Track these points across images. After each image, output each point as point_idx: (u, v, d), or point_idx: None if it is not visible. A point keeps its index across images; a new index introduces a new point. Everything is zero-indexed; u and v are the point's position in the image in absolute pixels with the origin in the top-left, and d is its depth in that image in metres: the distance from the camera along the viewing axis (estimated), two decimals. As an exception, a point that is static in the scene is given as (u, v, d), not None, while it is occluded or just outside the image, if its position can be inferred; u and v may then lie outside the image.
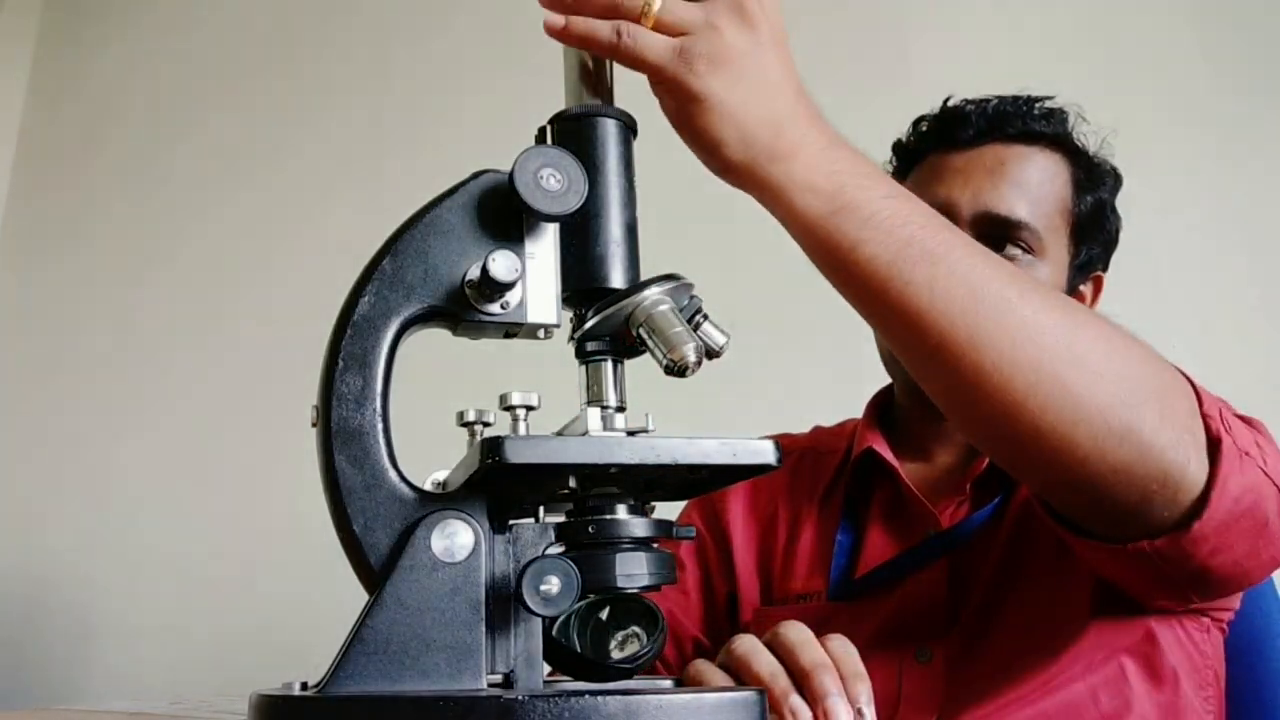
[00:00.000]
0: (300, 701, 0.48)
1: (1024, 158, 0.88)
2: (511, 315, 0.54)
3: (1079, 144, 0.92)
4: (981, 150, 0.88)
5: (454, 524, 0.50)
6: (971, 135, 0.89)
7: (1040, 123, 0.89)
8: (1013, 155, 0.88)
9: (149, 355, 2.08)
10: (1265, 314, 1.37)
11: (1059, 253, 0.89)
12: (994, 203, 0.85)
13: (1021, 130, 0.88)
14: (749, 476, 0.53)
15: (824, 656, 0.56)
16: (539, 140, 0.57)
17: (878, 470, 0.93)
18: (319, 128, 2.08)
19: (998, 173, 0.87)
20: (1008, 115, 0.89)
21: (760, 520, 0.97)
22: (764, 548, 0.96)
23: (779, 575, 0.93)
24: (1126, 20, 1.53)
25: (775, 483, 0.99)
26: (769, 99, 0.57)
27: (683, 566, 0.97)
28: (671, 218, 1.59)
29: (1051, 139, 0.89)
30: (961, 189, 0.87)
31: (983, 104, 0.90)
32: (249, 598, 1.82)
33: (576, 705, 0.44)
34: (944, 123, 0.92)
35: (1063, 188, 0.89)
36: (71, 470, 2.07)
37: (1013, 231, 0.85)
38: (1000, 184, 0.86)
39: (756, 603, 0.93)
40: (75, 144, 2.34)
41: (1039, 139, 0.89)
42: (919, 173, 0.92)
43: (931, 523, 0.87)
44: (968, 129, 0.89)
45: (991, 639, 0.81)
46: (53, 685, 1.94)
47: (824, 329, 1.57)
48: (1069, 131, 0.91)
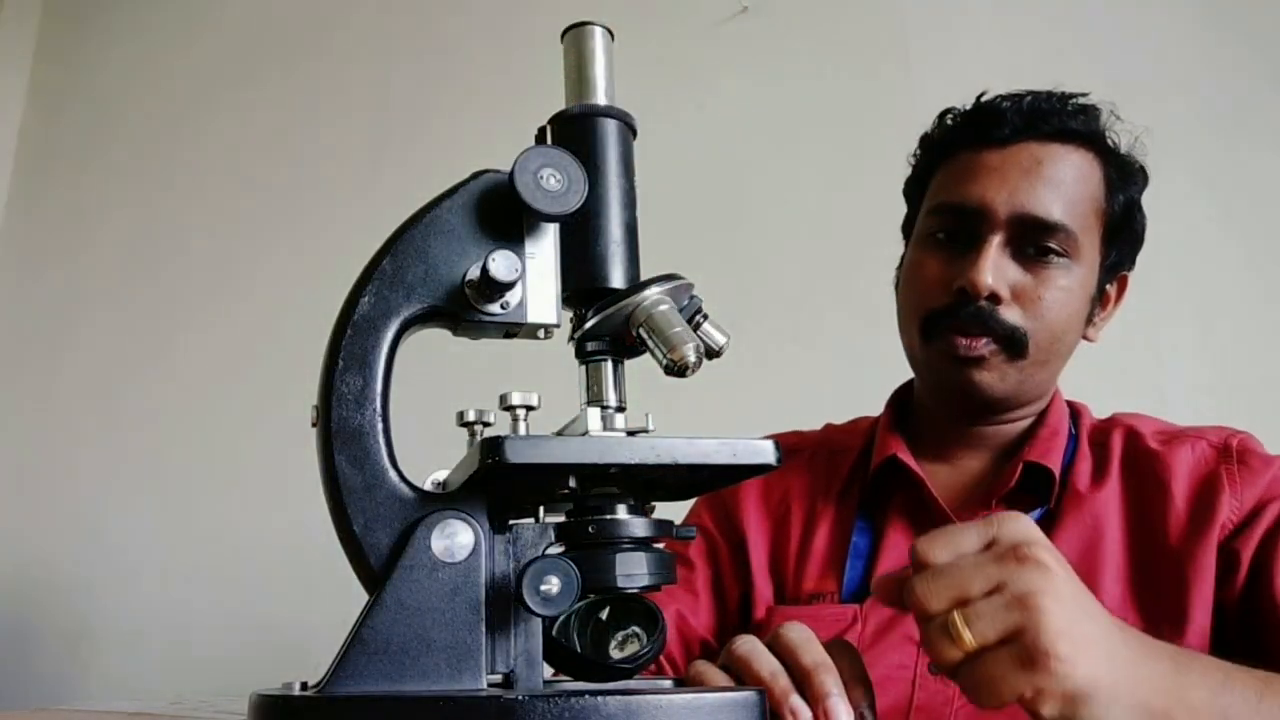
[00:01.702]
0: (300, 701, 0.48)
1: (1059, 157, 0.86)
2: (511, 315, 0.54)
3: (1111, 142, 0.89)
4: (1017, 148, 0.86)
5: (454, 524, 0.50)
6: (1007, 133, 0.86)
7: (1075, 120, 0.87)
8: (1048, 154, 0.85)
9: (149, 355, 2.08)
10: (1266, 314, 1.37)
11: (1092, 254, 0.87)
12: (1031, 204, 0.83)
13: (1057, 128, 0.86)
14: (749, 476, 0.53)
15: (825, 657, 0.56)
16: (539, 140, 0.57)
17: (900, 474, 0.91)
18: (319, 128, 2.08)
19: (1034, 173, 0.84)
20: (1043, 112, 0.86)
21: (773, 518, 0.96)
22: (777, 546, 0.94)
23: (792, 574, 0.92)
24: (1126, 18, 1.53)
25: (788, 480, 0.97)
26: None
27: (693, 567, 0.96)
28: (672, 218, 1.59)
29: (1086, 137, 0.87)
30: (998, 189, 0.84)
31: (1018, 100, 0.88)
32: (249, 598, 1.82)
33: (576, 705, 0.44)
34: (978, 119, 0.89)
35: (1096, 188, 0.87)
36: (71, 470, 2.07)
37: (1050, 235, 0.83)
38: (1037, 184, 0.84)
39: (770, 601, 0.92)
40: (75, 145, 2.34)
41: (1074, 137, 0.86)
42: (949, 168, 0.90)
43: None
44: (1003, 126, 0.86)
45: None
46: (53, 685, 1.94)
47: (824, 329, 1.57)
48: (1102, 130, 0.89)
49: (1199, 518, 0.81)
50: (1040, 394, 0.90)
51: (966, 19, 1.61)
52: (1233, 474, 0.82)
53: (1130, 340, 0.96)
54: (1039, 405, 0.91)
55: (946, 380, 0.87)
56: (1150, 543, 0.82)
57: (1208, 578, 0.78)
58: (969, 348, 0.84)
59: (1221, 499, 0.81)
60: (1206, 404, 1.30)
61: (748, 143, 1.70)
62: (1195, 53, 1.48)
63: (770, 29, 1.73)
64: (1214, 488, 0.81)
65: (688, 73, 1.76)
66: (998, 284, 0.83)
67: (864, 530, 0.90)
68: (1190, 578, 0.79)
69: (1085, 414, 0.93)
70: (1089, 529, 0.83)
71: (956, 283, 0.84)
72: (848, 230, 1.59)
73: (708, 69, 1.76)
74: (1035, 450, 0.86)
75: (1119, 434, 0.89)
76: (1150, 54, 1.50)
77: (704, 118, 1.74)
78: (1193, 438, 0.86)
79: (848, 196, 1.60)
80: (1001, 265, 0.83)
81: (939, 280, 0.86)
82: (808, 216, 1.62)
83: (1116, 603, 0.80)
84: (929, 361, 0.88)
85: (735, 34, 1.75)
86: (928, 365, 0.89)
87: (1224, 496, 0.81)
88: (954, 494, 0.90)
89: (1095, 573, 0.81)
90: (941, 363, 0.86)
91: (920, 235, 0.91)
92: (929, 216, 0.90)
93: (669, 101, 1.72)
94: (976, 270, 0.82)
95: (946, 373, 0.86)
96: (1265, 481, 0.81)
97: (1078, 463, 0.87)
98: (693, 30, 1.78)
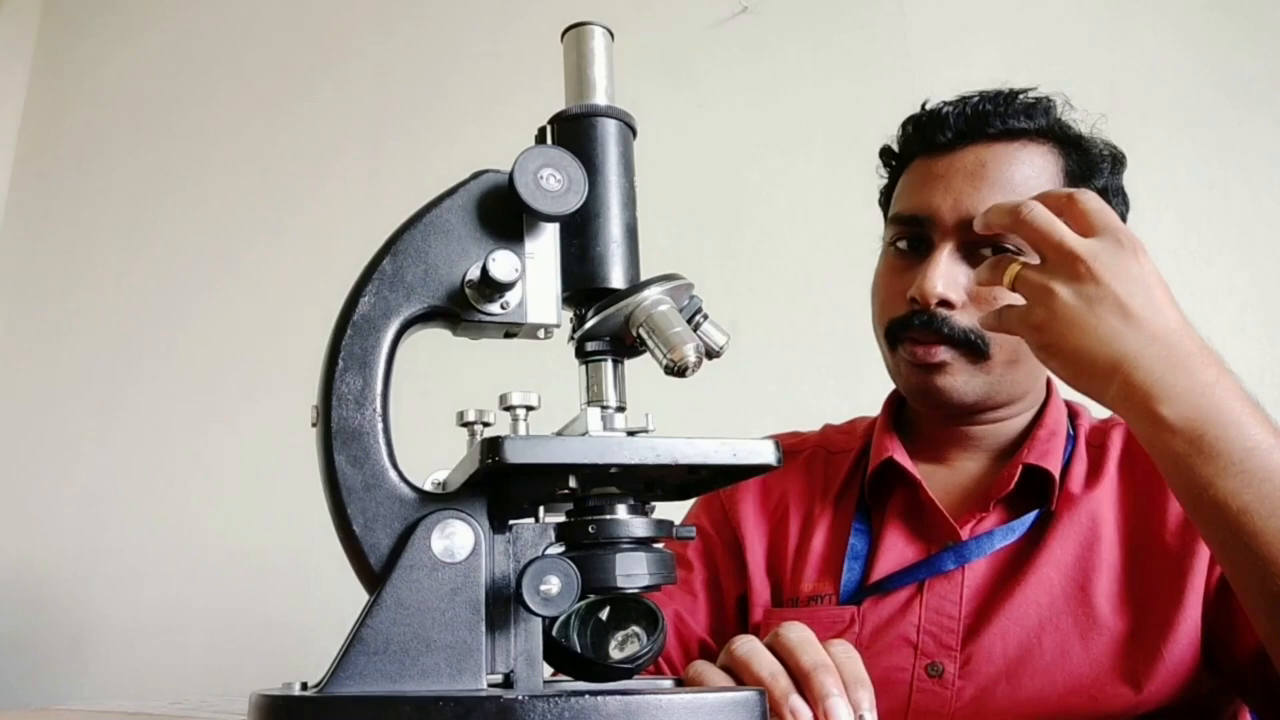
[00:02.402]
0: (300, 701, 0.48)
1: (1007, 156, 0.85)
2: (511, 315, 0.54)
3: (1069, 133, 0.88)
4: (962, 153, 0.86)
5: (454, 524, 0.50)
6: (951, 138, 0.86)
7: (1021, 118, 0.86)
8: (994, 155, 0.85)
9: (149, 354, 2.08)
10: (1263, 314, 1.37)
11: None
12: (975, 207, 0.81)
13: (1001, 129, 0.85)
14: (749, 476, 0.53)
15: (825, 658, 0.56)
16: (539, 140, 0.57)
17: (897, 476, 0.91)
18: (320, 128, 2.08)
19: (978, 175, 0.84)
20: (986, 114, 0.86)
21: (770, 519, 0.96)
22: (774, 547, 0.94)
23: (789, 576, 0.92)
24: (1126, 17, 1.53)
25: (786, 481, 0.97)
26: (1108, 343, 0.65)
27: (690, 567, 0.96)
28: (672, 218, 1.59)
29: (1035, 133, 0.86)
30: (943, 195, 0.84)
31: (961, 104, 0.87)
32: (249, 598, 1.82)
33: (576, 705, 0.44)
34: (924, 127, 0.89)
35: (1051, 181, 0.85)
36: (71, 470, 2.07)
37: (997, 237, 0.81)
38: (981, 187, 0.83)
39: (768, 602, 0.92)
40: (75, 144, 2.34)
41: (1021, 134, 0.86)
42: (907, 178, 0.90)
43: (951, 534, 0.86)
44: (946, 131, 0.86)
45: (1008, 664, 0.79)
46: (53, 685, 1.94)
47: (824, 329, 1.57)
48: (1055, 121, 0.87)
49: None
50: (1022, 392, 0.89)
51: (966, 19, 1.61)
52: None
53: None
54: (1028, 404, 0.91)
55: (914, 387, 0.88)
56: (1147, 542, 0.82)
57: (1200, 575, 0.78)
58: (926, 354, 0.84)
59: None
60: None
61: (747, 143, 1.70)
62: (1195, 51, 1.48)
63: (770, 29, 1.73)
64: None
65: (688, 73, 1.76)
66: (947, 290, 0.82)
67: (861, 532, 0.90)
68: (1185, 577, 0.79)
69: (1083, 415, 0.93)
70: (1085, 529, 0.83)
71: (910, 292, 0.84)
72: (847, 230, 1.59)
73: (708, 69, 1.76)
74: (1034, 452, 0.86)
75: (1118, 433, 0.89)
76: (1150, 53, 1.50)
77: (704, 118, 1.74)
78: None
79: (847, 196, 1.60)
80: (953, 272, 0.83)
81: (896, 290, 0.87)
82: (807, 216, 1.62)
83: (1112, 602, 0.80)
84: (896, 368, 0.89)
85: (735, 34, 1.75)
86: (897, 373, 0.90)
87: None
88: (951, 496, 0.90)
89: (1092, 573, 0.81)
90: (905, 369, 0.87)
91: (885, 245, 0.92)
92: (888, 227, 0.91)
93: (669, 101, 1.72)
94: (925, 278, 0.83)
95: (911, 379, 0.87)
96: None
97: (1074, 464, 0.87)
98: (693, 30, 1.78)
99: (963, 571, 0.84)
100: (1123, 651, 0.78)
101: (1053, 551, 0.83)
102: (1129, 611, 0.80)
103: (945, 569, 0.84)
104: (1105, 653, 0.79)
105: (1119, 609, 0.80)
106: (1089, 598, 0.80)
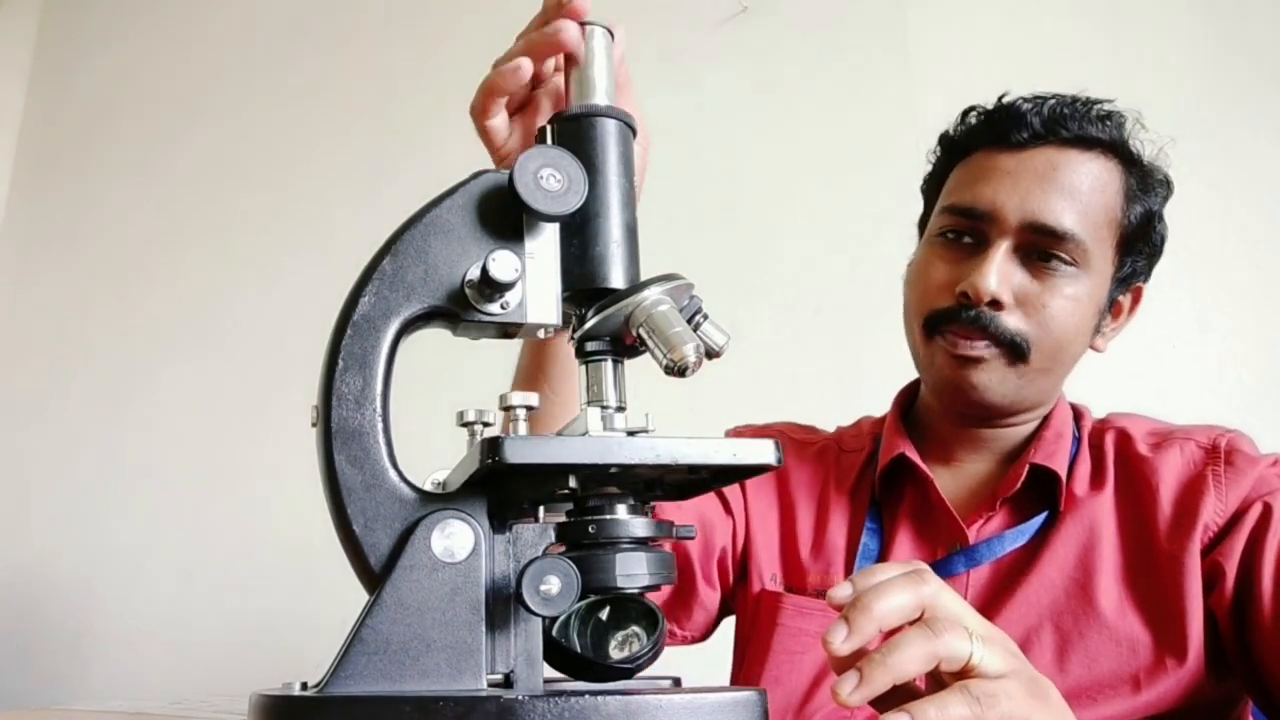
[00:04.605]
0: (300, 701, 0.48)
1: (1077, 164, 0.84)
2: (511, 315, 0.54)
3: (1134, 151, 0.88)
4: (1034, 153, 0.84)
5: (454, 524, 0.50)
6: (1025, 136, 0.85)
7: (1097, 126, 0.85)
8: (1066, 160, 0.84)
9: (149, 355, 2.08)
10: (1264, 314, 1.37)
11: (1103, 264, 0.85)
12: (1042, 211, 0.82)
13: (1077, 134, 0.84)
14: (749, 476, 0.53)
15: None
16: (539, 140, 0.57)
17: (907, 474, 0.91)
18: (320, 127, 2.08)
19: (1049, 179, 0.83)
20: (1064, 117, 0.85)
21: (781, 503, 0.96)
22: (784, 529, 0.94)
23: (799, 564, 0.92)
24: (1126, 16, 1.53)
25: (799, 467, 0.98)
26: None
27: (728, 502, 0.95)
28: (672, 217, 1.59)
29: (1107, 145, 0.85)
30: (1010, 193, 0.83)
31: (1039, 103, 0.86)
32: (249, 598, 1.82)
33: (576, 705, 0.44)
34: (997, 120, 0.87)
35: (1113, 197, 0.85)
36: (71, 470, 2.07)
37: (1059, 243, 0.82)
38: (1050, 191, 0.82)
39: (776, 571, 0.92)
40: (75, 144, 2.34)
41: (1094, 144, 0.85)
42: (965, 168, 0.89)
43: (959, 535, 0.86)
44: (1022, 129, 0.85)
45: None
46: (53, 685, 1.94)
47: (824, 329, 1.57)
48: (1125, 138, 0.87)
49: (1182, 521, 0.80)
50: (1042, 400, 0.89)
51: (966, 20, 1.61)
52: (1219, 475, 0.81)
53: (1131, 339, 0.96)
54: (1041, 410, 0.91)
55: (945, 378, 0.87)
56: (1143, 546, 0.82)
57: (1196, 580, 0.78)
58: (968, 347, 0.84)
59: (1205, 502, 0.80)
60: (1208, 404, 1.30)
61: (747, 142, 1.70)
62: (1195, 49, 1.48)
63: (770, 29, 1.73)
64: (1198, 491, 0.81)
65: (687, 72, 1.76)
66: (1000, 290, 0.82)
67: (874, 531, 0.91)
68: (1183, 580, 0.79)
69: (1086, 416, 0.93)
70: (1086, 532, 0.83)
71: (960, 286, 0.84)
72: (847, 230, 1.59)
73: (708, 69, 1.76)
74: (1040, 453, 0.86)
75: (1111, 437, 0.89)
76: (1150, 52, 1.50)
77: (704, 117, 1.73)
78: (1181, 439, 0.85)
79: (847, 196, 1.61)
80: (1007, 271, 0.83)
81: (944, 281, 0.86)
82: (807, 216, 1.62)
83: (1115, 605, 0.80)
84: (929, 358, 0.88)
85: (735, 34, 1.75)
86: (928, 362, 0.89)
87: (1208, 499, 0.80)
88: (959, 496, 0.90)
89: (1093, 575, 0.81)
90: (941, 360, 0.86)
91: (930, 234, 0.91)
92: (941, 215, 0.90)
93: (669, 101, 1.72)
94: (980, 275, 0.82)
95: (945, 371, 0.86)
96: (1250, 481, 0.80)
97: (1078, 466, 0.87)
98: (692, 30, 1.78)
99: (968, 572, 0.84)
100: (1124, 652, 0.78)
101: (1056, 552, 0.83)
102: (1130, 612, 0.80)
103: (956, 572, 0.85)
104: (1106, 653, 0.79)
105: (1120, 610, 0.80)
106: (1091, 599, 0.81)
